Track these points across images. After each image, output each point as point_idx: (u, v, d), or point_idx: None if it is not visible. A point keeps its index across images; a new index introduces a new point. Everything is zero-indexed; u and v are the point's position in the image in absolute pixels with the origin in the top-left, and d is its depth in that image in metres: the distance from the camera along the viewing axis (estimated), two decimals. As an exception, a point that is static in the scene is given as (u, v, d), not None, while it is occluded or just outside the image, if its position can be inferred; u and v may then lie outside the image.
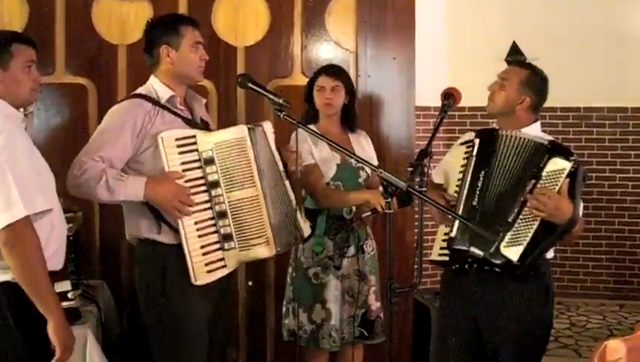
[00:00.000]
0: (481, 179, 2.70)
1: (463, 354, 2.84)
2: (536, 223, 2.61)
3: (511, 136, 2.73)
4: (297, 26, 4.06)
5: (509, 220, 2.63)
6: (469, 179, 2.72)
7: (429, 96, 3.89)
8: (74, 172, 2.62)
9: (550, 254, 2.82)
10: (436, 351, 3.02)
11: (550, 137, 2.81)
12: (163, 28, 2.80)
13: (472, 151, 2.75)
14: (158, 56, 2.80)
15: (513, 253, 2.61)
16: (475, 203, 2.68)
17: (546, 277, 2.80)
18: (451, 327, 2.86)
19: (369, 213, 3.23)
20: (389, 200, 2.45)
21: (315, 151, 3.38)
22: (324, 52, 4.07)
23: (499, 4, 6.32)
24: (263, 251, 2.79)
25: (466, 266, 2.75)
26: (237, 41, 4.03)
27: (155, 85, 2.81)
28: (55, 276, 2.48)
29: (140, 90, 2.83)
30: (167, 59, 2.78)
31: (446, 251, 2.75)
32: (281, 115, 2.69)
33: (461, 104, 2.89)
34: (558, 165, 2.63)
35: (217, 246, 2.72)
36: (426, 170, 2.65)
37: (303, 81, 3.82)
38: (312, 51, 4.07)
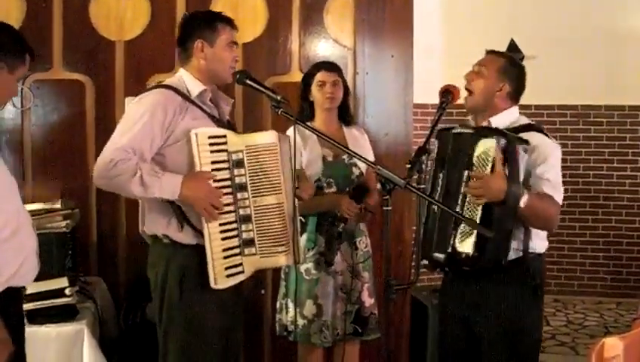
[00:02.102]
0: (440, 178, 2.67)
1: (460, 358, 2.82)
2: (479, 210, 2.52)
3: (455, 134, 2.70)
4: (295, 23, 4.06)
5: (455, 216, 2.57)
6: (431, 179, 2.71)
7: (428, 93, 3.89)
8: (105, 165, 2.53)
9: (541, 249, 2.73)
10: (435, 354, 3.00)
11: (527, 120, 2.77)
12: (200, 22, 2.74)
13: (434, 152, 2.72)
14: (192, 50, 2.73)
15: (467, 246, 2.54)
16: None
17: (531, 276, 2.67)
18: (447, 330, 2.87)
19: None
20: (387, 197, 2.45)
21: (303, 152, 3.36)
22: (322, 49, 4.07)
23: (495, 0, 6.31)
24: (284, 260, 2.75)
25: (439, 269, 2.75)
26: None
27: (185, 78, 2.74)
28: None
29: (169, 81, 2.75)
30: (201, 54, 2.72)
31: None
32: (279, 112, 2.66)
33: (459, 101, 2.89)
34: (484, 146, 2.57)
35: (237, 250, 2.66)
36: (423, 166, 2.65)
37: (300, 77, 3.82)
38: (310, 48, 4.07)
